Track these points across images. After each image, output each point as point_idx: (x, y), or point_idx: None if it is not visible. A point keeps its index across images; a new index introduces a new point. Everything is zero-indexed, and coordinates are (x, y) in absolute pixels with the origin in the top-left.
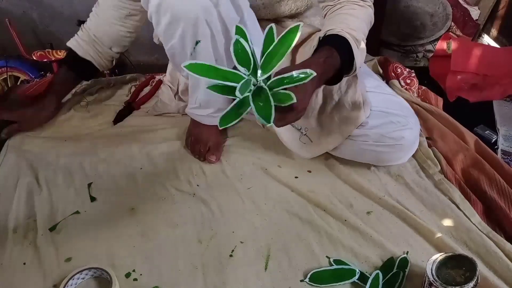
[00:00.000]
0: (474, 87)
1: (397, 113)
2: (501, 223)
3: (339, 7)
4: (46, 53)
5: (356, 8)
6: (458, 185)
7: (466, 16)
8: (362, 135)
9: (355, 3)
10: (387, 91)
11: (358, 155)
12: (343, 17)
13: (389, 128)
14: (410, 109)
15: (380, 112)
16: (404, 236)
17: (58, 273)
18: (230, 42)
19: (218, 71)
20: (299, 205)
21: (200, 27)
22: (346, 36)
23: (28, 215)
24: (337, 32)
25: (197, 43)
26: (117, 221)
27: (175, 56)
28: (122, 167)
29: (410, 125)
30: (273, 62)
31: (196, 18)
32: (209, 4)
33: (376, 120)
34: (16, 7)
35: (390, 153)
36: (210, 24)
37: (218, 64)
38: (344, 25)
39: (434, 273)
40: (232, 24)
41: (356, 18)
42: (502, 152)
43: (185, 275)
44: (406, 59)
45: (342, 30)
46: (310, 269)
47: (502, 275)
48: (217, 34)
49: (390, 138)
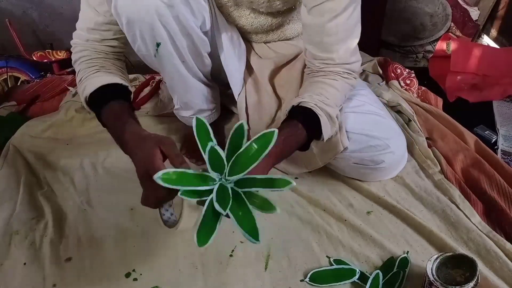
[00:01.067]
0: (474, 87)
1: (379, 135)
2: (501, 223)
3: (322, 74)
4: (46, 54)
5: (338, 79)
6: (458, 185)
7: (466, 17)
8: (342, 158)
9: (339, 74)
10: (370, 110)
11: (344, 172)
12: (322, 88)
13: (368, 152)
14: (395, 129)
15: (360, 135)
16: (404, 236)
17: (58, 273)
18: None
19: (189, 177)
20: (299, 205)
21: (156, 29)
22: (318, 113)
23: (30, 215)
24: (310, 106)
25: (158, 45)
26: (117, 221)
27: (144, 58)
28: (122, 168)
29: (391, 149)
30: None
31: (150, 20)
32: (161, 5)
33: (355, 145)
34: (16, 7)
35: (373, 173)
36: (166, 26)
37: (187, 66)
38: (320, 98)
39: (434, 273)
40: (191, 26)
41: (335, 90)
42: (502, 152)
43: (185, 275)
44: (406, 60)
45: (316, 105)
46: (310, 269)
47: (502, 275)
48: (175, 35)
49: (370, 161)
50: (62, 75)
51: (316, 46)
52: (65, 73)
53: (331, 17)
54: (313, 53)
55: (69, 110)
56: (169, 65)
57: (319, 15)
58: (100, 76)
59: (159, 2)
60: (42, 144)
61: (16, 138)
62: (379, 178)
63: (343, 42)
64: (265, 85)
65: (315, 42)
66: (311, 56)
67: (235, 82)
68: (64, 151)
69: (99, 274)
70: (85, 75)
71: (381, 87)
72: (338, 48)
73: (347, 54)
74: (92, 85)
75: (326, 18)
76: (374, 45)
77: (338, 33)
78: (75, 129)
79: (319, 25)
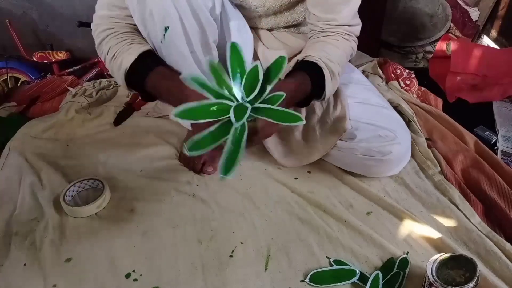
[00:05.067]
0: (474, 88)
1: (386, 126)
2: (501, 223)
3: (325, 35)
4: (47, 54)
5: (340, 40)
6: (458, 185)
7: (466, 17)
8: (349, 148)
9: (341, 35)
10: (378, 102)
11: (347, 166)
12: (325, 46)
13: (376, 142)
14: (400, 122)
15: (368, 125)
16: (404, 237)
17: (58, 274)
18: (203, 30)
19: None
20: (299, 205)
21: (166, 7)
22: (322, 66)
23: (30, 216)
24: (315, 60)
25: (166, 30)
26: (117, 221)
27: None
28: (122, 168)
29: (399, 140)
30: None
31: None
32: None
33: (364, 133)
34: (16, 7)
35: (378, 166)
36: (176, 5)
37: (194, 57)
38: (323, 54)
39: (434, 273)
40: (202, 8)
41: (337, 49)
42: (501, 152)
43: (185, 275)
44: (406, 60)
45: (320, 59)
46: (310, 269)
47: (502, 275)
48: (185, 17)
49: (378, 152)
50: (62, 75)
51: (320, 8)
52: (65, 74)
53: None
54: (317, 15)
55: (69, 110)
56: (177, 53)
57: None
58: (135, 47)
59: None
60: (43, 145)
61: (16, 138)
62: (382, 172)
63: (347, 2)
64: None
65: (319, 3)
66: (315, 19)
67: None
68: (65, 151)
69: (99, 274)
70: (119, 50)
71: (381, 87)
72: (342, 9)
73: (349, 15)
74: (131, 56)
75: None
76: (374, 46)
77: None
78: (75, 130)
79: None
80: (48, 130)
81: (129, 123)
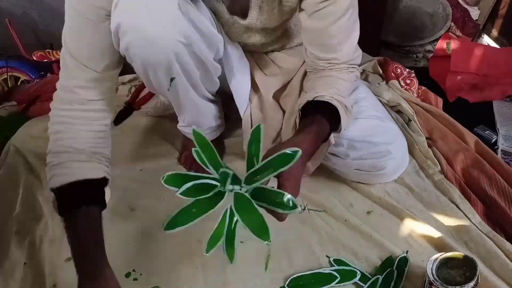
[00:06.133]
0: (474, 87)
1: (380, 141)
2: (501, 223)
3: (328, 69)
4: (47, 54)
5: (345, 72)
6: (458, 185)
7: (466, 17)
8: (343, 164)
9: (344, 69)
10: (372, 114)
11: (343, 175)
12: (333, 81)
13: (370, 159)
14: (395, 133)
15: (361, 143)
16: (404, 236)
17: (58, 273)
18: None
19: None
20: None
21: (172, 67)
22: (336, 105)
23: (30, 216)
24: (327, 100)
25: (172, 80)
26: (117, 221)
27: (155, 90)
28: (122, 168)
29: (393, 155)
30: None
31: (167, 60)
32: (179, 45)
33: (357, 152)
34: (16, 7)
35: (374, 178)
36: (182, 63)
37: (198, 91)
38: (334, 91)
39: (434, 272)
40: (207, 59)
41: (345, 82)
42: (502, 152)
43: (185, 275)
44: (406, 60)
45: (332, 97)
46: (310, 269)
47: (502, 274)
48: (191, 69)
49: (372, 167)
50: None
51: (319, 48)
52: None
53: (333, 20)
54: (316, 54)
55: None
56: (182, 95)
57: (321, 19)
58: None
59: (177, 43)
60: (42, 144)
61: (16, 138)
62: (379, 181)
63: (346, 41)
64: (270, 101)
65: (318, 44)
66: (314, 57)
67: (241, 102)
68: None
69: None
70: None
71: (381, 87)
72: (342, 48)
73: (350, 51)
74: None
75: (328, 21)
76: (374, 45)
77: (341, 33)
78: None
79: (322, 29)
80: (48, 130)
81: (129, 123)
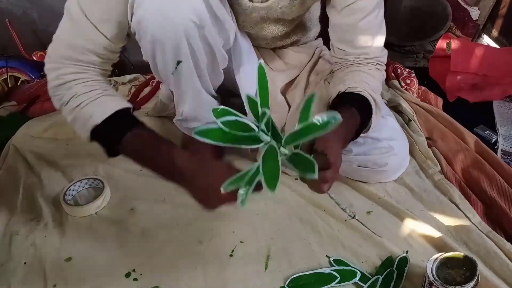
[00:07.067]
0: (474, 87)
1: (382, 137)
2: (501, 223)
3: (358, 65)
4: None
5: (373, 69)
6: (458, 185)
7: (466, 17)
8: (345, 160)
9: (373, 65)
10: None
11: (344, 173)
12: (365, 76)
13: (372, 155)
14: (397, 130)
15: (365, 138)
16: (404, 236)
17: (58, 273)
18: (214, 62)
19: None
20: (299, 205)
21: (181, 48)
22: (369, 98)
23: (30, 216)
24: (359, 91)
25: (178, 63)
26: (117, 221)
27: (159, 74)
28: (122, 168)
29: (395, 151)
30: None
31: (177, 39)
32: (191, 25)
33: (360, 148)
34: (16, 7)
35: (374, 176)
36: (192, 45)
37: (202, 81)
38: (365, 85)
39: (434, 272)
40: (217, 46)
41: (375, 80)
42: (502, 152)
43: (185, 275)
44: (406, 60)
45: (365, 90)
46: (310, 269)
47: (502, 275)
48: (199, 54)
49: (374, 163)
50: None
51: (349, 44)
52: None
53: (363, 15)
54: (346, 51)
55: None
56: (186, 82)
57: (351, 14)
58: (107, 101)
59: (189, 22)
60: (42, 144)
61: (16, 138)
62: (380, 180)
63: (375, 38)
64: (276, 96)
65: (348, 40)
66: (343, 54)
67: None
68: (65, 151)
69: (99, 274)
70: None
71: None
72: (371, 44)
73: (379, 48)
74: (104, 110)
75: (358, 16)
76: None
77: (371, 29)
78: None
79: (352, 24)
80: (48, 130)
81: None
